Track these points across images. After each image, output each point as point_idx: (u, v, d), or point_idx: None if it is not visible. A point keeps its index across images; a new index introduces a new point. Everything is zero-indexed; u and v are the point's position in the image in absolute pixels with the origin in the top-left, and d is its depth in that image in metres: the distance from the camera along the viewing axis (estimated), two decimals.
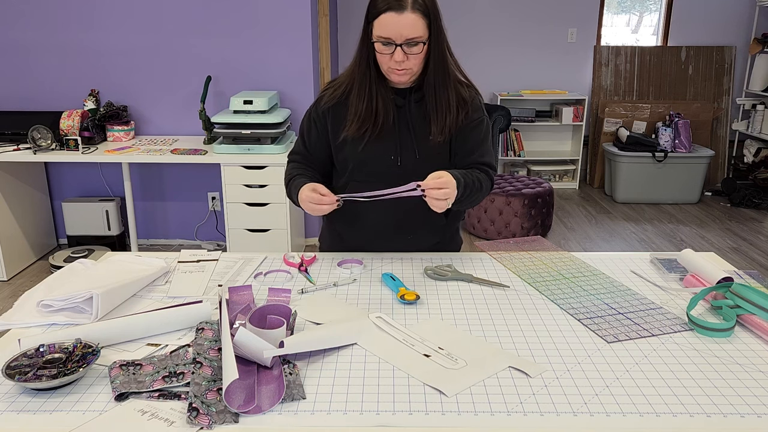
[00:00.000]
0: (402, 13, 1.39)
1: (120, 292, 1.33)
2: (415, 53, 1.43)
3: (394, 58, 1.43)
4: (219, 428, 0.93)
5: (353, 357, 1.13)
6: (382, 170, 1.56)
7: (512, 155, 5.55)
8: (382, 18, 1.40)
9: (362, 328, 1.21)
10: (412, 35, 1.41)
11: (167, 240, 4.04)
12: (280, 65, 3.60)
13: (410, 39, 1.41)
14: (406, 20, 1.39)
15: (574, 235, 4.34)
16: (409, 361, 1.11)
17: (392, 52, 1.42)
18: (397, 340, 1.18)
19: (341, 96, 1.56)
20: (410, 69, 1.46)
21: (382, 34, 1.41)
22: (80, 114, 3.41)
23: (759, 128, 5.23)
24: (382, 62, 1.47)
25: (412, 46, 1.42)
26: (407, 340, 1.18)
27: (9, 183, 3.49)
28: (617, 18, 5.89)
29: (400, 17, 1.39)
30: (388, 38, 1.41)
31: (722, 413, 0.96)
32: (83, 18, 3.56)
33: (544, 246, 1.70)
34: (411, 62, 1.44)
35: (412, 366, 1.10)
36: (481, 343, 1.18)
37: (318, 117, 1.61)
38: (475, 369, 1.09)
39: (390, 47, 1.42)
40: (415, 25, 1.40)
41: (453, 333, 1.22)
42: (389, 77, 1.50)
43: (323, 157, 1.65)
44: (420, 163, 1.55)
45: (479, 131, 1.61)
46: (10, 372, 1.01)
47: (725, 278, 1.37)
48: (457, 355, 1.13)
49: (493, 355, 1.13)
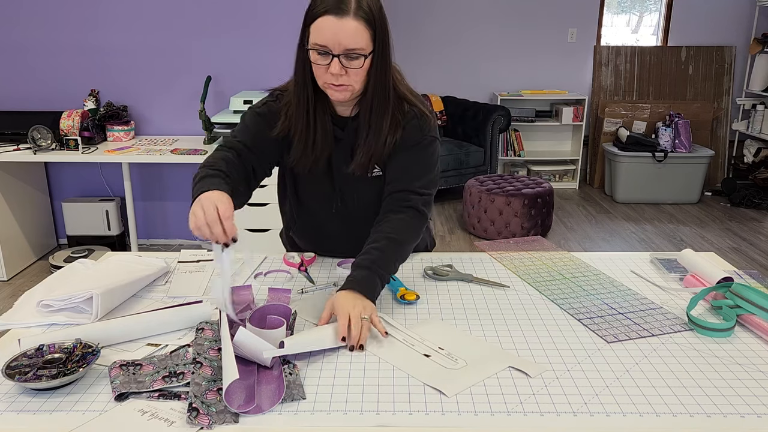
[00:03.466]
0: (342, 18, 1.20)
1: (120, 292, 1.33)
2: (355, 68, 1.25)
3: (330, 70, 1.24)
4: (219, 428, 0.93)
5: (353, 357, 1.12)
6: (325, 211, 1.50)
7: (512, 155, 5.55)
8: (320, 22, 1.21)
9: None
10: (352, 46, 1.22)
11: (167, 240, 4.04)
12: (280, 65, 3.60)
13: (350, 50, 1.22)
14: (347, 27, 1.21)
15: (574, 235, 4.34)
16: (409, 361, 1.11)
17: (328, 63, 1.24)
18: (398, 340, 1.18)
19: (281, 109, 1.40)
20: (350, 85, 1.27)
21: (318, 40, 1.22)
22: (80, 114, 3.41)
23: (759, 128, 5.23)
24: (318, 75, 1.27)
25: (352, 59, 1.23)
26: (407, 340, 1.18)
27: (9, 183, 3.49)
28: (617, 18, 5.89)
29: (339, 23, 1.20)
30: (324, 46, 1.22)
31: (722, 413, 0.96)
32: (83, 18, 3.56)
33: (544, 246, 1.70)
34: (350, 78, 1.26)
35: (412, 366, 1.10)
36: (481, 343, 1.18)
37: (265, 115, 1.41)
38: (475, 369, 1.09)
39: (326, 57, 1.23)
40: (356, 34, 1.21)
41: (453, 333, 1.22)
42: (327, 92, 1.31)
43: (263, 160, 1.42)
44: (363, 202, 1.46)
45: (415, 156, 1.39)
46: (10, 372, 1.01)
47: (725, 278, 1.37)
48: (457, 355, 1.13)
49: (493, 355, 1.13)
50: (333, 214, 1.51)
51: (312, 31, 1.23)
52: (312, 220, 1.55)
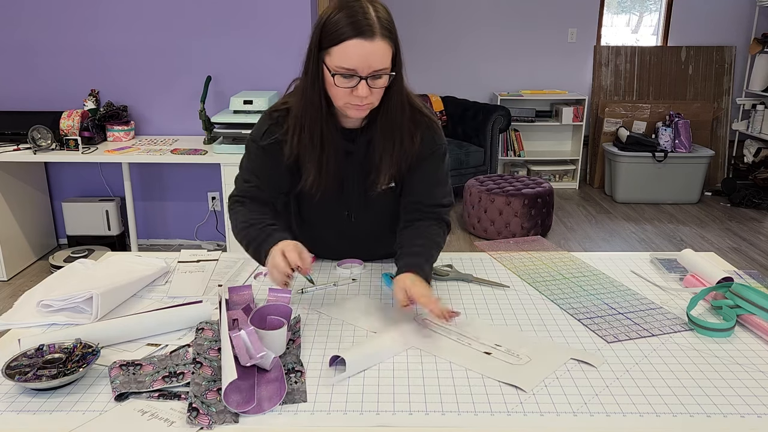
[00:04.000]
0: (371, 40, 1.16)
1: (120, 292, 1.33)
2: (380, 86, 1.22)
3: (356, 92, 1.20)
4: (219, 428, 0.93)
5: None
6: (333, 228, 1.50)
7: (512, 155, 5.55)
8: (347, 45, 1.16)
9: (412, 330, 1.20)
10: (380, 66, 1.19)
11: (167, 240, 4.04)
12: (280, 65, 3.60)
13: (377, 71, 1.19)
14: (376, 49, 1.17)
15: (574, 235, 4.34)
16: (474, 360, 1.11)
17: (354, 86, 1.19)
18: (453, 340, 1.18)
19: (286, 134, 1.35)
20: (372, 103, 1.25)
21: (345, 64, 1.17)
22: (80, 114, 3.41)
23: (759, 128, 5.23)
24: (339, 96, 1.23)
25: (377, 78, 1.20)
26: (462, 340, 1.18)
27: (9, 183, 3.49)
28: (617, 18, 5.89)
29: (368, 45, 1.16)
30: (351, 70, 1.17)
31: (722, 413, 0.96)
32: (83, 18, 3.56)
33: (544, 246, 1.70)
34: (374, 96, 1.23)
35: (480, 365, 1.09)
36: (534, 339, 1.19)
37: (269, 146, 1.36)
38: (540, 363, 1.09)
39: (352, 80, 1.19)
40: (384, 54, 1.18)
41: (503, 330, 1.23)
42: (345, 112, 1.27)
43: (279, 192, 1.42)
44: (371, 214, 1.45)
45: (433, 166, 1.40)
46: (10, 372, 1.01)
47: (725, 278, 1.37)
48: (516, 351, 1.14)
49: (554, 348, 1.14)
50: (339, 228, 1.50)
51: (335, 54, 1.18)
52: (314, 232, 1.53)
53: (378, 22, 1.17)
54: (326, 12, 1.21)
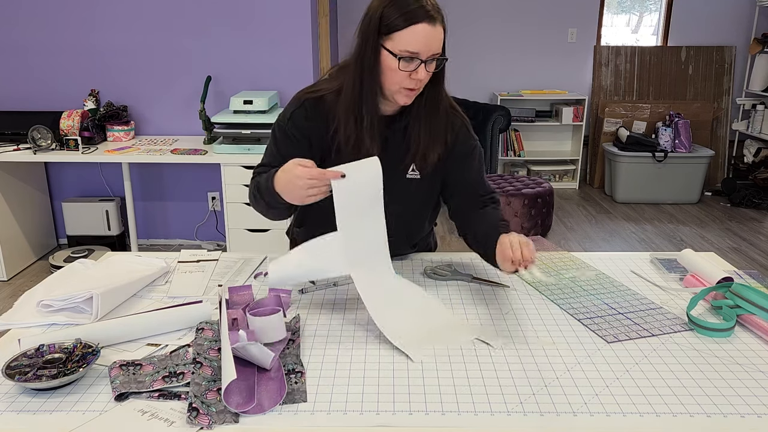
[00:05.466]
0: (435, 25, 1.23)
1: (120, 292, 1.33)
2: (432, 71, 1.28)
3: (415, 76, 1.25)
4: (219, 428, 0.93)
5: (353, 357, 1.13)
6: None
7: (512, 155, 5.55)
8: (415, 29, 1.21)
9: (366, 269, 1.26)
10: (438, 50, 1.26)
11: (167, 240, 4.04)
12: (280, 65, 3.60)
13: (435, 55, 1.25)
14: (438, 33, 1.24)
15: (574, 235, 4.34)
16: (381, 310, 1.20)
17: (414, 69, 1.25)
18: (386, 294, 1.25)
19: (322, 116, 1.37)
20: (420, 88, 1.30)
21: (411, 48, 1.22)
22: (80, 114, 3.41)
23: (759, 128, 5.23)
24: (396, 81, 1.27)
25: (431, 62, 1.26)
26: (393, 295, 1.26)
27: (9, 183, 3.49)
28: (617, 18, 5.89)
29: (432, 30, 1.23)
30: (415, 53, 1.23)
31: (722, 413, 0.97)
32: (83, 18, 3.56)
33: (544, 246, 1.70)
34: (425, 81, 1.28)
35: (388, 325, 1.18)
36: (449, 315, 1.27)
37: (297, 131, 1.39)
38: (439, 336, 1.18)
39: (413, 63, 1.24)
40: (441, 39, 1.26)
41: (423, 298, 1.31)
42: (394, 98, 1.31)
43: None
44: (400, 203, 1.40)
45: (477, 161, 1.47)
46: (10, 372, 1.01)
47: (725, 278, 1.37)
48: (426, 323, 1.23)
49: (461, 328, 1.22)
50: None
51: (400, 38, 1.22)
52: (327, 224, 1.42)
53: (437, 8, 1.25)
54: (378, 2, 1.25)
